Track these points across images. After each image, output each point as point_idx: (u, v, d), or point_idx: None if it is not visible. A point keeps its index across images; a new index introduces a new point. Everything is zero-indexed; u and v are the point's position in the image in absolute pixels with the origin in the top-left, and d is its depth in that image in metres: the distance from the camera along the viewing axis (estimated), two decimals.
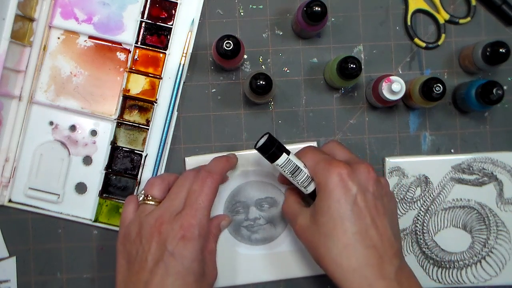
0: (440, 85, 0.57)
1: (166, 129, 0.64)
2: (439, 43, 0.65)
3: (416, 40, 0.65)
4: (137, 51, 0.64)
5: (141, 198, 0.58)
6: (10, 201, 0.64)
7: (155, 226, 0.53)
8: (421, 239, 0.64)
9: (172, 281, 0.51)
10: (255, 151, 0.54)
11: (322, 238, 0.51)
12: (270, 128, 0.65)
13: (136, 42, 0.64)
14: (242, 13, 0.65)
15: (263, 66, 0.65)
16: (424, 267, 0.64)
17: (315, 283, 0.65)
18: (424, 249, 0.64)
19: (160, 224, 0.53)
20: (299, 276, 0.64)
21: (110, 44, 0.64)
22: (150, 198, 0.57)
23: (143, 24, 0.64)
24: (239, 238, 0.64)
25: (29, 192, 0.64)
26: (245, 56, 0.65)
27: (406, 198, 0.64)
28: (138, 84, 0.64)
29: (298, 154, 0.56)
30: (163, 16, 0.64)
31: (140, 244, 0.54)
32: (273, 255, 0.64)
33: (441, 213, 0.64)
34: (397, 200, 0.64)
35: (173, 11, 0.64)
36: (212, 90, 0.65)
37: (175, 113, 0.64)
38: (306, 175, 0.54)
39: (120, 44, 0.64)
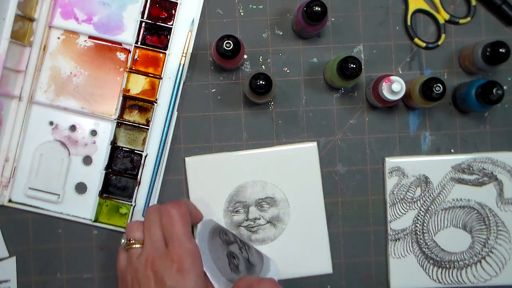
0: (440, 85, 0.57)
1: (166, 129, 0.64)
2: (439, 43, 0.65)
3: (416, 40, 0.65)
4: (137, 51, 0.64)
5: (124, 243, 0.56)
6: (10, 201, 0.64)
7: (147, 266, 0.52)
8: (421, 239, 0.64)
9: None
10: (255, 151, 0.54)
11: None
12: (270, 128, 0.65)
13: (136, 42, 0.64)
14: (242, 13, 0.65)
15: (263, 66, 0.65)
16: (424, 267, 0.64)
17: (315, 283, 0.65)
18: (424, 249, 0.64)
19: (151, 263, 0.52)
20: (299, 276, 0.64)
21: (110, 44, 0.64)
22: (133, 241, 0.55)
23: (143, 24, 0.64)
24: None
25: (29, 192, 0.64)
26: (245, 56, 0.65)
27: (406, 198, 0.64)
28: (138, 84, 0.64)
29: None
30: (163, 16, 0.64)
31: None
32: (273, 255, 0.64)
33: (441, 213, 0.64)
34: (397, 200, 0.64)
35: (173, 11, 0.64)
36: (212, 90, 0.65)
37: (175, 113, 0.64)
38: None
39: (120, 44, 0.64)
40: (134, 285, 0.54)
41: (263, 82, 0.56)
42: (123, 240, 0.56)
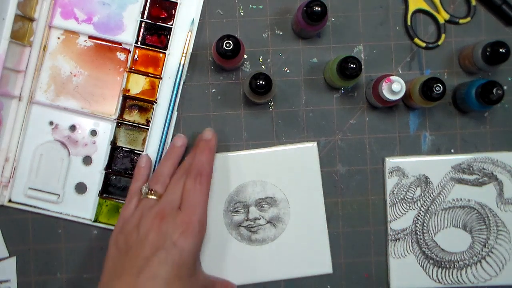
0: (440, 85, 0.57)
1: (166, 129, 0.64)
2: (439, 43, 0.65)
3: (416, 40, 0.65)
4: (137, 51, 0.64)
5: (145, 191, 0.59)
6: (10, 201, 0.64)
7: (156, 218, 0.55)
8: (421, 239, 0.64)
9: (167, 270, 0.52)
10: (255, 151, 0.53)
11: None
12: (270, 128, 0.65)
13: (136, 42, 0.64)
14: (242, 13, 0.65)
15: (263, 66, 0.65)
16: (424, 267, 0.64)
17: (315, 283, 0.65)
18: (424, 249, 0.64)
19: (161, 217, 0.55)
20: (299, 276, 0.64)
21: (110, 44, 0.64)
22: (153, 192, 0.58)
23: (143, 24, 0.64)
24: (239, 238, 0.64)
25: (29, 192, 0.64)
26: (245, 56, 0.65)
27: (406, 198, 0.64)
28: (138, 84, 0.64)
29: None
30: (163, 16, 0.64)
31: (138, 234, 0.55)
32: (274, 255, 0.64)
33: (441, 213, 0.64)
34: (397, 200, 0.64)
35: (173, 11, 0.64)
36: (212, 90, 0.65)
37: (175, 113, 0.64)
38: None
39: (120, 44, 0.64)
40: (133, 230, 0.55)
41: (263, 82, 0.56)
42: (144, 187, 0.59)
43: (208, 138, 0.60)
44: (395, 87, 0.58)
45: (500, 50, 0.58)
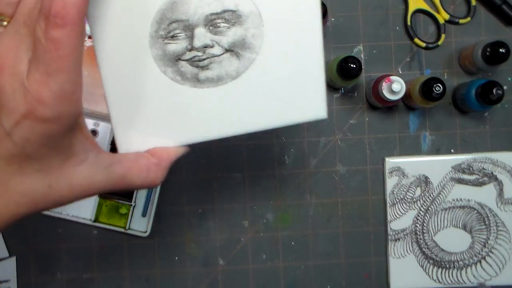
0: (440, 85, 0.57)
1: None
2: (439, 43, 0.65)
3: (416, 40, 0.65)
4: None
5: None
6: None
7: None
8: (421, 239, 0.64)
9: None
10: None
11: None
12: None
13: None
14: None
15: None
16: (424, 267, 0.64)
17: (315, 283, 0.65)
18: (424, 249, 0.64)
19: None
20: (276, 125, 0.40)
21: None
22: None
23: None
24: (178, 78, 0.39)
25: None
26: None
27: (406, 198, 0.64)
28: None
29: None
30: None
31: None
32: (236, 99, 0.40)
33: (441, 213, 0.65)
34: (397, 200, 0.64)
35: None
36: None
37: None
38: None
39: None
40: None
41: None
42: None
43: None
44: (395, 87, 0.58)
45: (500, 50, 0.59)
